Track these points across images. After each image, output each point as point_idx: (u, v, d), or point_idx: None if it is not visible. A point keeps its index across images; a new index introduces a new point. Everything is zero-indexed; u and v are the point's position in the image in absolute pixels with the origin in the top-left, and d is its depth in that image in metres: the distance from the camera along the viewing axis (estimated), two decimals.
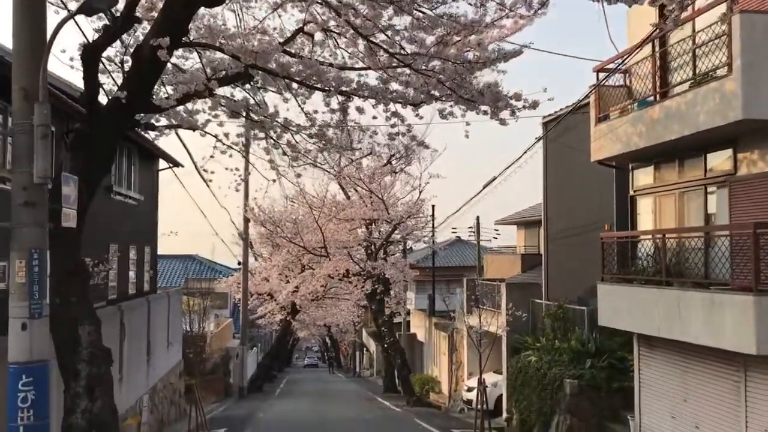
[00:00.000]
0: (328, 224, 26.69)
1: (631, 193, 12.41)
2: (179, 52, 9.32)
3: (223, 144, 11.41)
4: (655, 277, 10.52)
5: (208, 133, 10.77)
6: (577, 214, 17.81)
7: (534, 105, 7.41)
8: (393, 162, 28.15)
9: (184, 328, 22.36)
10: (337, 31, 8.42)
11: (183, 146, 14.36)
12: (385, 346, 26.52)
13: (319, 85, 8.34)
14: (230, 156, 12.14)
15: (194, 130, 10.17)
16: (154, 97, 8.65)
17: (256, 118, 9.45)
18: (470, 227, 44.58)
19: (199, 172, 15.37)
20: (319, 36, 8.80)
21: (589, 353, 14.13)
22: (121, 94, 7.63)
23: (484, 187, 20.36)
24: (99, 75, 8.09)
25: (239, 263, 30.77)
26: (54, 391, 9.29)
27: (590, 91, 12.58)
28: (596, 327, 14.36)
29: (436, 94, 7.85)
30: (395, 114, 8.28)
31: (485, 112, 7.91)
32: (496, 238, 45.81)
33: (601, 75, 12.03)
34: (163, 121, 10.01)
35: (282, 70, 8.11)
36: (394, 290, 27.55)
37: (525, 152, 17.66)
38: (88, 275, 8.51)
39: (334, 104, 8.81)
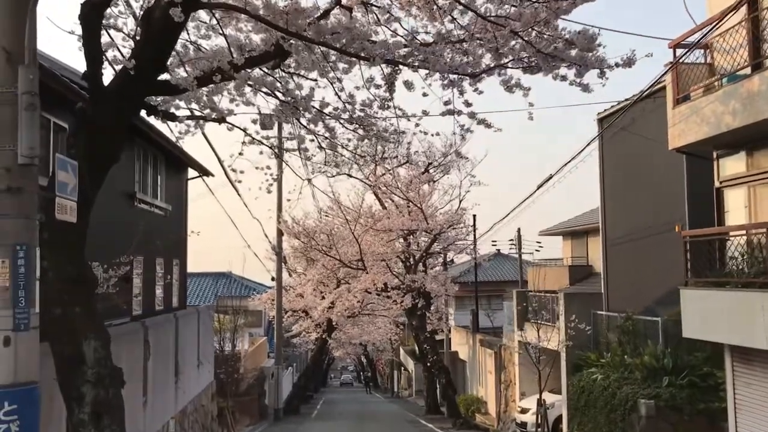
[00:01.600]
0: (364, 236, 25.40)
1: (717, 184, 10.84)
2: (200, 31, 8.11)
3: (252, 139, 10.21)
4: (757, 279, 8.93)
5: (236, 126, 9.58)
6: (639, 217, 16.21)
7: (629, 62, 5.98)
8: (431, 170, 26.83)
9: (216, 347, 21.16)
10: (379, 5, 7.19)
11: (207, 143, 12.99)
12: (428, 364, 24.97)
13: (362, 53, 7.04)
14: (261, 153, 10.94)
15: (220, 123, 8.96)
16: (170, 75, 7.46)
17: (288, 98, 8.16)
18: (511, 240, 43.07)
19: (225, 172, 14.24)
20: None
21: (665, 370, 12.50)
22: (129, 63, 6.42)
23: (538, 188, 18.76)
24: (104, 48, 6.93)
25: (273, 278, 29.60)
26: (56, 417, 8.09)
27: (664, 72, 11.08)
28: (671, 340, 12.75)
29: (505, 58, 6.47)
30: (452, 83, 6.92)
31: (563, 77, 6.52)
32: (538, 250, 44.07)
33: (679, 51, 10.54)
34: (184, 111, 8.84)
35: (318, 35, 6.83)
36: (435, 304, 26.05)
37: (586, 146, 16.14)
38: (95, 283, 7.27)
39: (379, 78, 7.52)
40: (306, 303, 32.75)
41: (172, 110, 8.66)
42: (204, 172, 19.25)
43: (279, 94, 8.36)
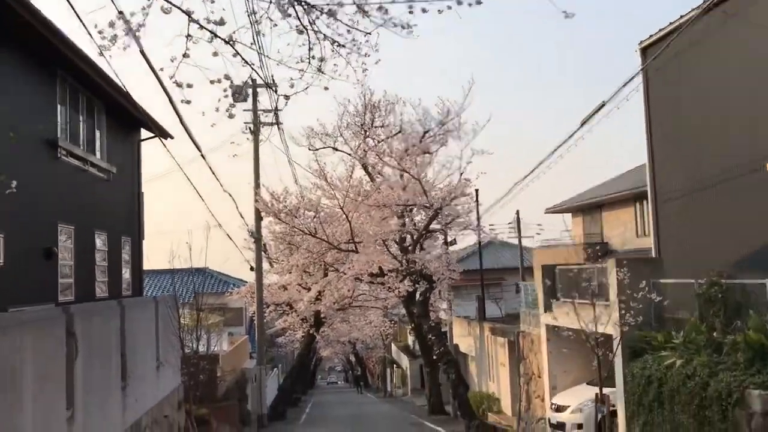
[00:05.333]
0: (354, 214, 22.03)
1: None
2: None
3: (200, 26, 6.78)
4: None
5: (175, 6, 6.31)
6: (700, 164, 12.99)
7: None
8: (427, 140, 23.40)
9: (188, 347, 17.53)
10: None
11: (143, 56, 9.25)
12: (434, 358, 21.59)
13: None
14: (214, 54, 7.51)
15: None
16: None
17: None
18: (509, 223, 39.86)
19: (176, 111, 10.84)
20: None
21: None
22: None
23: (554, 150, 15.64)
24: None
25: (252, 268, 26.12)
26: None
27: None
28: None
29: None
30: None
31: None
32: (539, 233, 40.99)
33: None
34: None
35: None
36: (439, 289, 22.72)
37: (624, 85, 12.88)
38: None
39: None
40: (290, 295, 29.31)
41: None
42: (161, 132, 15.75)
43: None
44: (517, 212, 37.14)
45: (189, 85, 7.93)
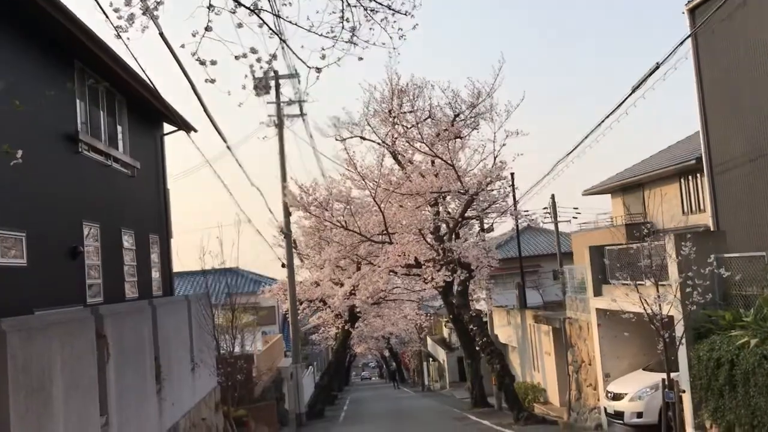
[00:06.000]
0: (386, 204, 21.34)
1: None
2: None
3: None
4: None
5: None
6: (762, 129, 12.05)
7: None
8: (458, 124, 22.48)
9: (224, 347, 17.00)
10: None
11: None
12: (477, 349, 20.80)
13: None
14: (239, 26, 6.88)
15: None
16: None
17: None
18: (545, 208, 38.86)
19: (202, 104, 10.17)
20: None
21: None
22: None
23: (603, 120, 14.75)
24: None
25: (283, 265, 25.61)
26: None
27: None
28: None
29: None
30: None
31: None
32: (575, 217, 39.95)
33: None
34: None
35: None
36: (478, 277, 21.94)
37: (676, 48, 11.98)
38: None
39: None
40: (323, 291, 28.78)
41: None
42: (184, 124, 15.23)
43: None
44: (552, 196, 36.21)
45: (213, 62, 7.27)
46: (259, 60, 6.99)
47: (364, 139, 23.80)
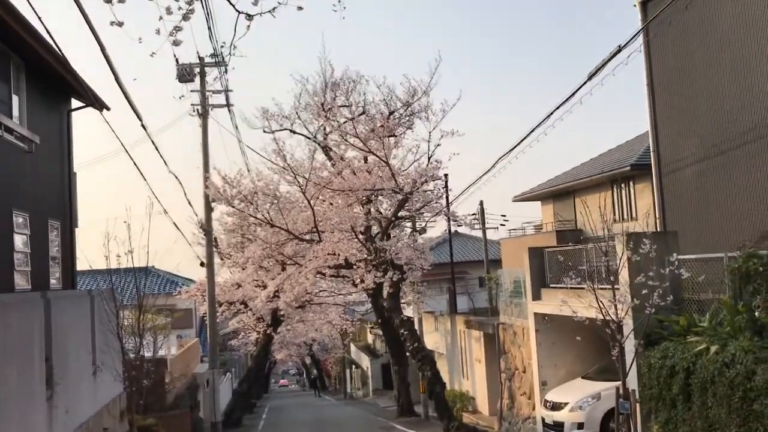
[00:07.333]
0: (316, 200, 20.19)
1: None
2: None
3: None
4: None
5: None
6: (710, 130, 11.62)
7: None
8: (391, 124, 21.48)
9: (131, 349, 15.29)
10: None
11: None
12: (406, 354, 19.82)
13: None
14: None
15: None
16: None
17: None
18: (473, 214, 38.47)
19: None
20: None
21: None
22: None
23: (552, 112, 14.09)
24: None
25: (202, 264, 23.91)
26: None
27: None
28: None
29: None
30: None
31: None
32: (503, 224, 39.68)
33: None
34: None
35: None
36: (410, 280, 21.02)
37: (631, 39, 11.38)
38: None
39: None
40: (244, 293, 27.26)
41: None
42: (96, 100, 13.61)
43: None
44: (481, 202, 35.77)
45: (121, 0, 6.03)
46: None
47: (294, 132, 22.55)
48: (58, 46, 9.98)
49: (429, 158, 20.43)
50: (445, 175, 24.25)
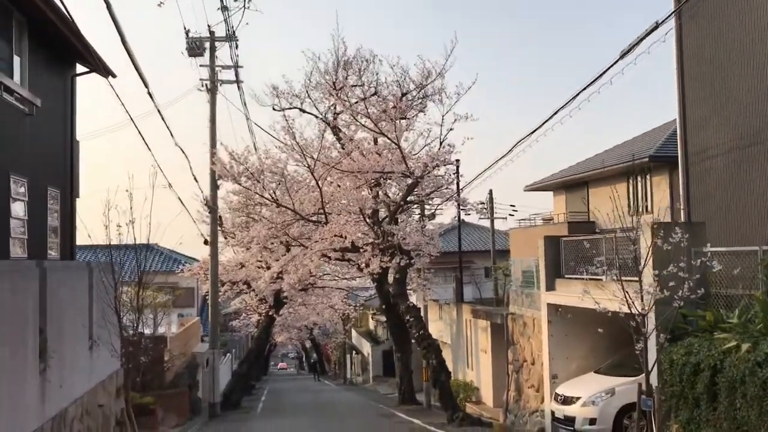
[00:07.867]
0: (324, 181, 19.67)
1: None
2: None
3: None
4: None
5: None
6: (743, 118, 11.04)
7: None
8: (403, 106, 20.88)
9: (130, 325, 14.84)
10: None
11: None
12: (412, 341, 19.38)
13: None
14: None
15: None
16: None
17: None
18: (481, 202, 37.92)
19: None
20: None
21: None
22: None
23: (577, 94, 13.53)
24: None
25: (206, 242, 23.49)
26: None
27: None
28: None
29: None
30: None
31: None
32: (512, 214, 39.14)
33: None
34: None
35: None
36: (417, 266, 20.55)
37: (660, 23, 10.79)
38: None
39: None
40: (248, 273, 26.80)
41: None
42: (101, 65, 13.09)
43: None
44: (490, 191, 35.25)
45: None
46: None
47: (303, 111, 21.98)
48: (64, 5, 9.48)
49: (441, 142, 19.92)
50: (457, 161, 23.72)
